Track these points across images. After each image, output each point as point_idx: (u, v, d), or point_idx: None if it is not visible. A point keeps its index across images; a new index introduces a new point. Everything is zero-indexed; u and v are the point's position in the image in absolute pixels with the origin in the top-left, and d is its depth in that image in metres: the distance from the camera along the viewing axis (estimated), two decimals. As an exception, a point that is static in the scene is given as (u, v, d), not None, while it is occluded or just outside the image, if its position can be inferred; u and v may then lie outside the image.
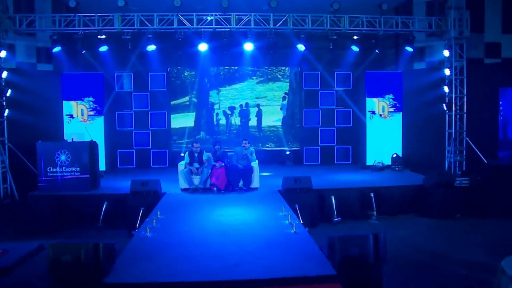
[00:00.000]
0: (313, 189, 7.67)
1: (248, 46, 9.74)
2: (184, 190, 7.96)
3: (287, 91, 11.59)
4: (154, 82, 11.14)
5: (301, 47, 9.76)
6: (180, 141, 11.41)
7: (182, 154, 10.42)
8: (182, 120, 11.35)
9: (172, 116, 11.33)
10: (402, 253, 5.64)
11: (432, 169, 8.59)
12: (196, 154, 8.05)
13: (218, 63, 11.25)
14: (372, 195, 7.81)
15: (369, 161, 10.54)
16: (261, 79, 11.55)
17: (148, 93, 11.10)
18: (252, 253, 4.53)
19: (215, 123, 11.44)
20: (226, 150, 8.59)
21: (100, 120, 10.31)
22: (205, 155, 8.07)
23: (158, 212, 6.08)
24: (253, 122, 11.55)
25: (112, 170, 10.44)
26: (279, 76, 11.66)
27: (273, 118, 11.56)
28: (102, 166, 9.35)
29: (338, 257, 3.94)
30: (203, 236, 5.18)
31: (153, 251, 4.61)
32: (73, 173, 7.93)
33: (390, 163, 10.33)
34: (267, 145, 11.60)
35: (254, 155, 8.31)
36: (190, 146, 8.04)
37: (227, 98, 11.38)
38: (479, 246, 6.07)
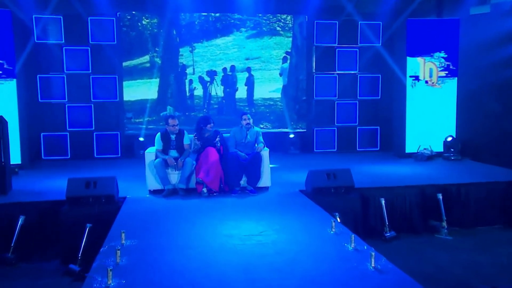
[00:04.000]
0: (356, 188, 6.47)
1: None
2: (154, 192, 6.49)
3: (289, 50, 10.63)
4: (97, 31, 9.64)
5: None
6: (137, 120, 10.25)
7: (141, 139, 9.85)
8: (140, 90, 10.24)
9: (125, 83, 10.14)
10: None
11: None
12: (173, 137, 6.51)
13: (192, 8, 10.02)
14: (440, 197, 6.54)
15: (410, 147, 9.48)
16: (253, 32, 10.49)
17: (89, 48, 9.62)
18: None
19: (188, 94, 10.37)
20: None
21: (11, 85, 8.50)
22: (187, 138, 6.59)
23: (122, 235, 4.33)
24: (241, 93, 10.59)
25: (33, 164, 9.02)
26: (278, 28, 10.60)
27: (269, 87, 10.68)
28: (15, 158, 7.89)
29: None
30: (217, 285, 3.35)
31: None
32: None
33: (441, 150, 9.34)
34: (262, 126, 10.56)
35: (261, 137, 6.84)
36: (164, 124, 6.67)
37: (205, 59, 10.38)
38: None
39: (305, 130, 10.70)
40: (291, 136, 10.49)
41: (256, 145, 6.74)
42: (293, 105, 10.76)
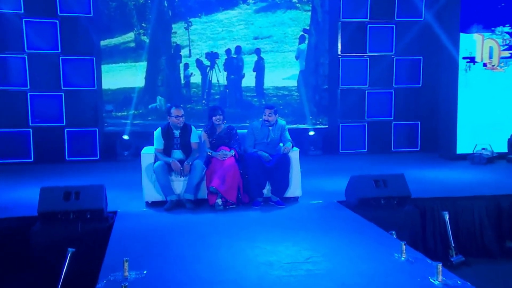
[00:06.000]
0: (412, 199, 6.23)
1: None
2: (153, 205, 6.27)
3: (308, 27, 10.79)
4: (67, 0, 9.52)
5: None
6: (119, 114, 10.36)
7: (125, 137, 9.84)
8: (123, 76, 10.38)
9: (104, 67, 10.23)
10: None
11: None
12: (177, 133, 6.24)
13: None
14: (518, 211, 6.38)
15: (462, 147, 9.40)
16: (264, 4, 10.66)
17: (57, 21, 9.42)
18: None
19: (183, 82, 10.54)
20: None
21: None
22: (195, 135, 6.33)
23: (125, 264, 3.86)
24: (249, 80, 10.74)
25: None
26: (294, 0, 10.82)
27: (283, 73, 10.86)
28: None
29: None
30: None
31: None
32: None
33: (505, 150, 9.26)
34: (274, 121, 10.56)
35: (287, 133, 6.57)
36: (168, 116, 6.36)
37: (204, 38, 10.50)
38: None
39: (327, 126, 10.82)
40: (311, 133, 10.46)
41: (281, 144, 6.44)
42: (312, 95, 10.85)
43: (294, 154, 6.45)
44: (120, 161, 9.36)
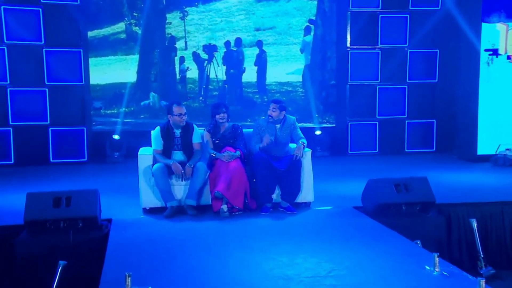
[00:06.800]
0: (437, 205, 6.20)
1: None
2: (151, 211, 6.22)
3: (314, 17, 10.80)
4: (52, -15, 9.53)
5: None
6: (109, 112, 10.38)
7: (115, 137, 9.86)
8: (113, 70, 10.41)
9: (92, 61, 10.26)
10: None
11: None
12: (177, 132, 6.18)
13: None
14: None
15: (483, 148, 9.39)
16: None
17: (40, 9, 9.43)
18: None
19: (178, 76, 10.56)
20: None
21: None
22: (197, 135, 6.27)
23: (128, 280, 3.70)
24: (250, 75, 10.78)
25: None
26: None
27: (287, 68, 10.90)
28: None
29: None
30: None
31: None
32: None
33: None
34: (278, 119, 10.64)
35: (299, 131, 6.53)
36: (168, 114, 6.31)
37: (202, 29, 10.57)
38: None
39: (334, 125, 10.84)
40: (318, 133, 10.45)
41: (291, 145, 6.39)
42: (319, 91, 10.85)
43: (306, 156, 6.39)
44: (110, 163, 9.35)
